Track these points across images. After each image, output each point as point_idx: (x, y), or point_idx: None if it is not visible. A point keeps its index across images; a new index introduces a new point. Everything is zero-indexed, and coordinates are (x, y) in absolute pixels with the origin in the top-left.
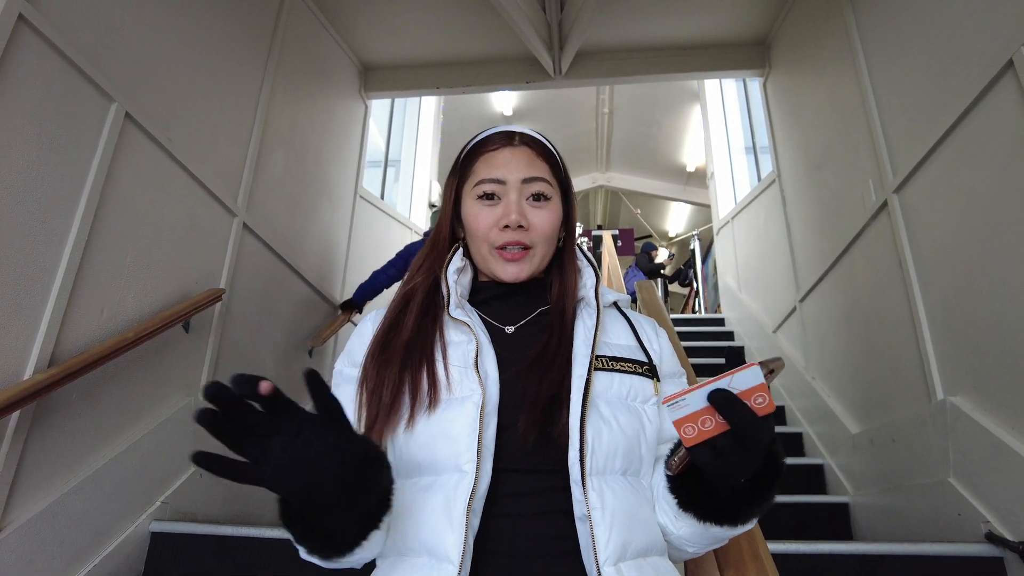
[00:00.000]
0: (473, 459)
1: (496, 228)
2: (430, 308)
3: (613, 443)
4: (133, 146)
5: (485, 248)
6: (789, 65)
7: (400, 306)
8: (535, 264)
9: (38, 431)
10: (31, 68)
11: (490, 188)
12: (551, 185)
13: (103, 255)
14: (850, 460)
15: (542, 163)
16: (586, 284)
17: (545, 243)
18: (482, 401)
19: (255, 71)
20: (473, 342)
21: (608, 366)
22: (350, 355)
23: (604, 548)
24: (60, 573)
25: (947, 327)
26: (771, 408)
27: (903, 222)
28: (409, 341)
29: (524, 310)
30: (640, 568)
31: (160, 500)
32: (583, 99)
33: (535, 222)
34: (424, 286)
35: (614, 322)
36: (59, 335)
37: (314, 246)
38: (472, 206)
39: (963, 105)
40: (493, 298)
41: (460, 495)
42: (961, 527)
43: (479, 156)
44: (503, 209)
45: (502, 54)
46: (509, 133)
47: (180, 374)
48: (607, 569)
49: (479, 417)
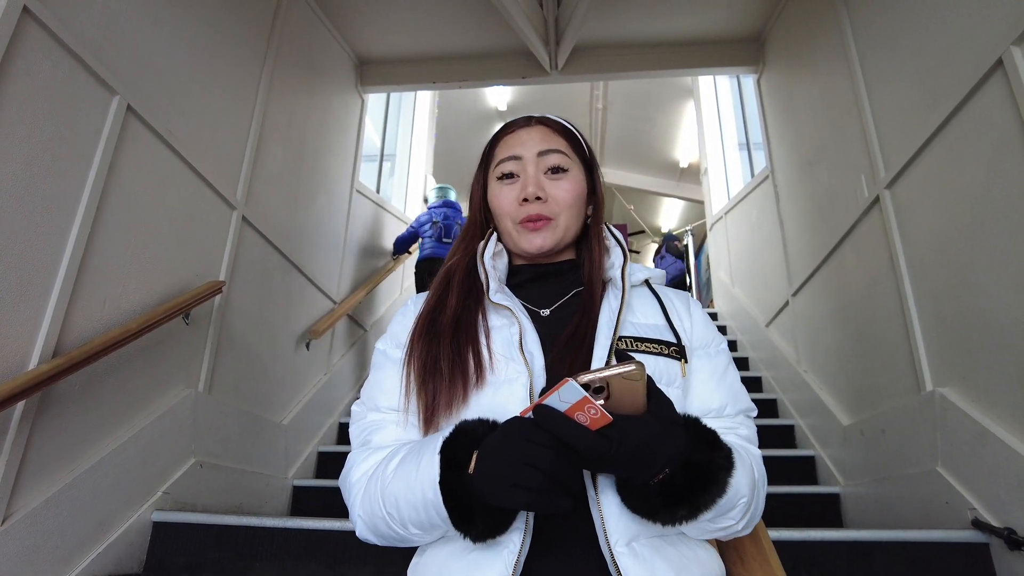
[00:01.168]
0: None
1: (516, 203)
2: (472, 290)
3: None
4: (135, 138)
5: (510, 225)
6: (783, 62)
7: (442, 286)
8: (558, 234)
9: (42, 421)
10: (36, 60)
11: (508, 167)
12: (568, 157)
13: (105, 246)
14: (841, 451)
15: (559, 138)
16: (614, 264)
17: (567, 212)
18: (530, 383)
19: (254, 65)
20: (515, 325)
21: (632, 347)
22: (394, 337)
23: (614, 529)
24: (64, 562)
25: (936, 320)
26: (604, 420)
27: (895, 217)
28: (456, 318)
29: (559, 292)
30: (656, 546)
31: (161, 490)
32: (577, 95)
33: (553, 193)
34: (462, 265)
35: (643, 301)
36: (63, 326)
37: (311, 239)
38: (495, 188)
39: (953, 102)
40: (528, 281)
41: None
42: (949, 514)
43: (498, 142)
44: (521, 184)
45: (498, 49)
46: (527, 117)
47: (180, 366)
48: (619, 549)
49: (528, 398)
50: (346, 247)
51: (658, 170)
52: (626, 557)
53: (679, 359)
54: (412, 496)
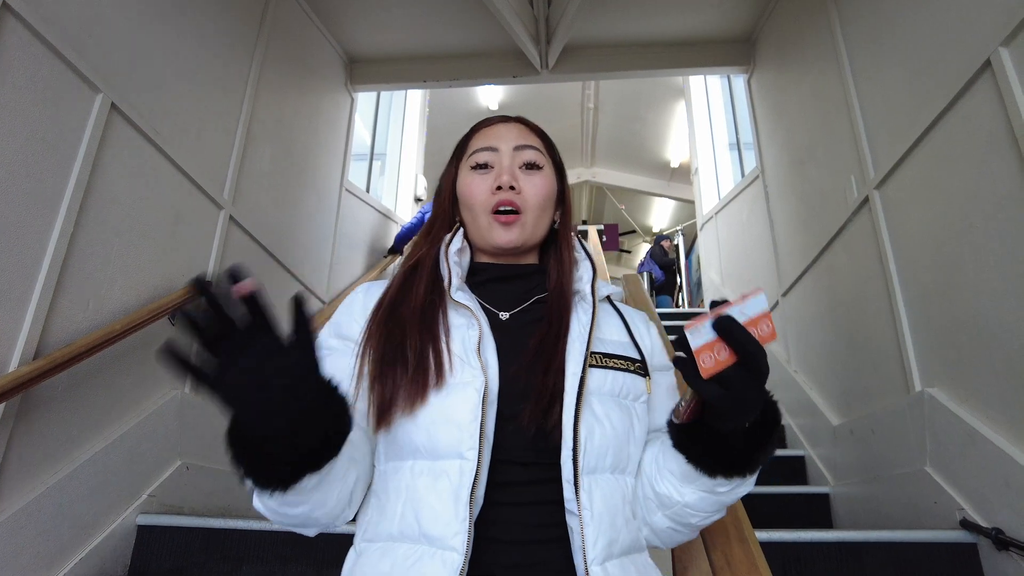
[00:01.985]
0: (475, 446)
1: (489, 192)
2: (436, 284)
3: (605, 442)
4: (119, 137)
5: (481, 215)
6: (774, 62)
7: (408, 274)
8: (527, 231)
9: (24, 424)
10: (15, 56)
11: (483, 157)
12: (543, 155)
13: (89, 246)
14: (831, 451)
15: (535, 137)
16: (583, 277)
17: (536, 210)
18: (484, 389)
19: (242, 63)
20: (475, 327)
21: (602, 363)
22: (336, 326)
23: (592, 548)
24: (48, 566)
25: (925, 321)
26: (773, 336)
27: (884, 218)
28: (422, 310)
29: (520, 296)
30: (623, 566)
31: (147, 493)
32: (568, 94)
33: (526, 187)
34: (431, 256)
35: (607, 317)
36: (45, 327)
37: (300, 239)
38: (467, 176)
39: (942, 103)
40: (490, 281)
41: (465, 482)
42: (937, 514)
43: (474, 134)
44: (495, 173)
45: (489, 48)
46: (505, 116)
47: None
48: (594, 568)
49: (481, 404)
50: (335, 247)
51: (649, 170)
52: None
53: (644, 376)
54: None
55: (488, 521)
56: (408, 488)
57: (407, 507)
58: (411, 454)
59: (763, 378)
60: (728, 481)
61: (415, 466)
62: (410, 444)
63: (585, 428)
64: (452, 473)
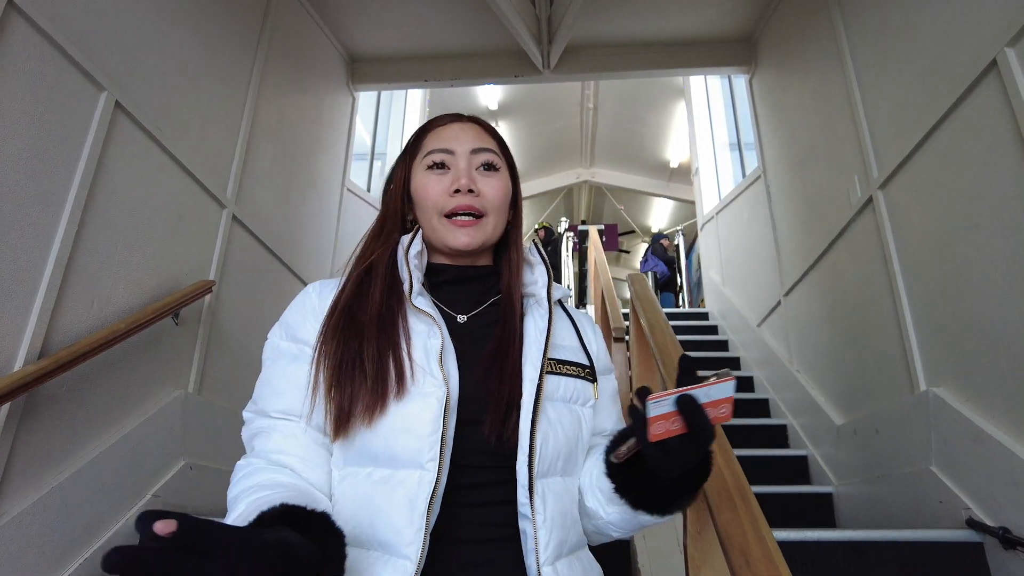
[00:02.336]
0: (436, 457)
1: (446, 194)
2: (393, 288)
3: (558, 447)
4: (123, 136)
5: (435, 218)
6: (775, 62)
7: (361, 278)
8: (487, 233)
9: (28, 423)
10: (21, 55)
11: (439, 157)
12: (499, 157)
13: (93, 246)
14: (834, 451)
15: (490, 139)
16: (537, 281)
17: (496, 212)
18: (445, 399)
19: (244, 62)
20: (437, 336)
21: (556, 369)
22: (288, 327)
23: (544, 549)
24: (52, 566)
25: (930, 320)
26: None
27: (888, 217)
28: (380, 315)
29: (476, 299)
30: (571, 564)
31: (151, 493)
32: (568, 95)
33: (485, 189)
34: (384, 260)
35: (559, 321)
36: (49, 326)
37: (302, 238)
38: (422, 177)
39: (948, 103)
40: (447, 283)
41: (422, 494)
42: (943, 514)
43: (428, 133)
44: (453, 176)
45: (491, 48)
46: (457, 114)
47: (170, 366)
48: (546, 569)
49: (443, 415)
50: (337, 246)
51: (648, 170)
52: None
53: (592, 381)
54: None
55: (444, 522)
56: (365, 495)
57: (362, 512)
58: (370, 461)
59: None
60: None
61: (373, 473)
62: (368, 452)
63: (541, 435)
64: (410, 483)
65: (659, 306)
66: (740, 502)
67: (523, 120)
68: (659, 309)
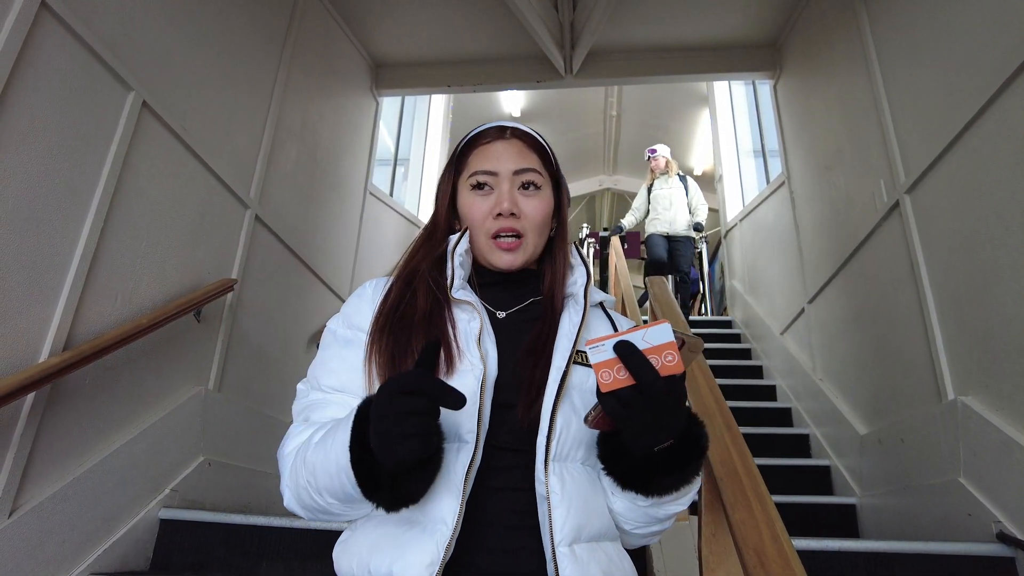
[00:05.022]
0: (474, 429)
1: (490, 217)
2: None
3: (580, 434)
4: (149, 135)
5: (482, 237)
6: (800, 67)
7: (406, 283)
8: (528, 252)
9: (52, 414)
10: (52, 54)
11: (483, 179)
12: (541, 175)
13: (118, 241)
14: (858, 461)
15: (533, 155)
16: (576, 281)
17: (535, 232)
18: (483, 376)
19: (269, 65)
20: (476, 320)
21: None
22: (347, 317)
23: (560, 529)
24: (72, 555)
25: (958, 327)
26: (678, 368)
27: (915, 222)
28: (427, 313)
29: (517, 298)
30: (593, 551)
31: (169, 487)
32: (591, 102)
33: (526, 211)
34: (427, 266)
35: (598, 321)
36: (74, 319)
37: (324, 240)
38: (467, 196)
39: (977, 104)
40: (489, 284)
41: (461, 462)
42: (971, 527)
43: (473, 149)
44: (496, 198)
45: (513, 53)
46: (501, 127)
47: (191, 363)
48: (562, 549)
49: (479, 391)
50: (359, 249)
51: None
52: (566, 558)
53: None
54: (328, 463)
55: (474, 502)
56: None
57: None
58: None
59: (662, 405)
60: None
61: None
62: None
63: (562, 418)
64: (449, 454)
65: (679, 309)
66: (755, 502)
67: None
68: (679, 312)
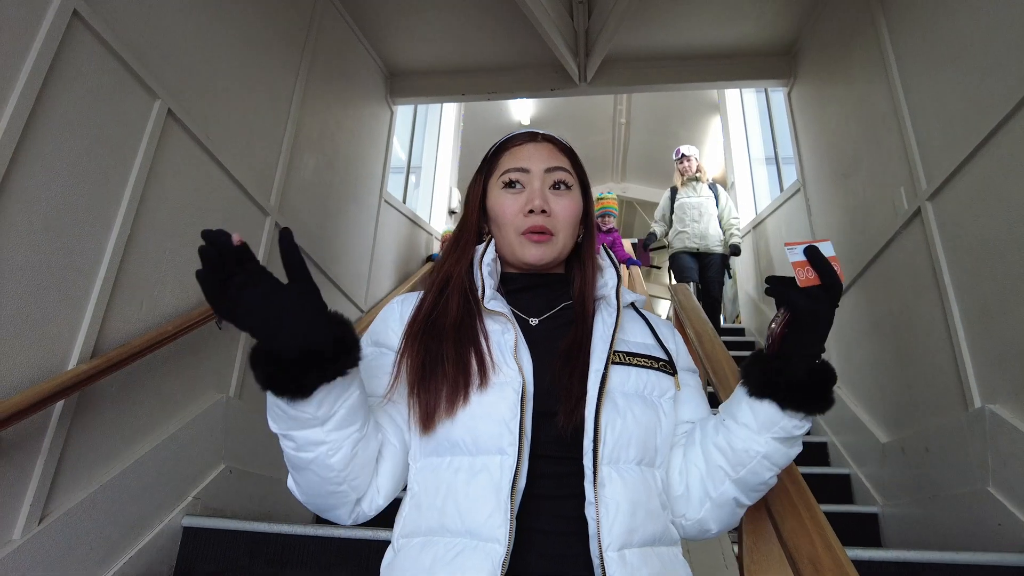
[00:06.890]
0: (515, 442)
1: (521, 214)
2: (471, 294)
3: (627, 433)
4: (174, 142)
5: (512, 234)
6: (816, 74)
7: (439, 290)
8: (557, 249)
9: (80, 421)
10: (83, 63)
11: (515, 176)
12: (571, 176)
13: (143, 248)
14: (879, 470)
15: (563, 156)
16: (607, 283)
17: (566, 230)
18: (522, 388)
19: (288, 75)
20: (510, 332)
21: (625, 361)
22: (371, 334)
23: (608, 534)
24: (98, 563)
25: (985, 334)
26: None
27: (937, 229)
28: (458, 322)
29: (548, 303)
30: (645, 556)
31: (192, 495)
32: (600, 110)
33: (557, 209)
34: (459, 272)
35: (632, 322)
36: (101, 327)
37: (341, 248)
38: (498, 195)
39: (1004, 110)
40: (519, 290)
41: (505, 477)
42: (1002, 537)
43: (504, 151)
44: (527, 196)
45: (528, 61)
46: (532, 132)
47: (213, 370)
48: (610, 554)
49: (519, 403)
50: (374, 256)
51: None
52: (615, 563)
53: (671, 374)
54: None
55: (524, 511)
56: (447, 483)
57: (448, 501)
58: (449, 450)
59: (836, 303)
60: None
61: (453, 462)
62: (448, 440)
63: (606, 421)
64: (492, 468)
65: (704, 315)
66: (805, 511)
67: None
68: (705, 319)
